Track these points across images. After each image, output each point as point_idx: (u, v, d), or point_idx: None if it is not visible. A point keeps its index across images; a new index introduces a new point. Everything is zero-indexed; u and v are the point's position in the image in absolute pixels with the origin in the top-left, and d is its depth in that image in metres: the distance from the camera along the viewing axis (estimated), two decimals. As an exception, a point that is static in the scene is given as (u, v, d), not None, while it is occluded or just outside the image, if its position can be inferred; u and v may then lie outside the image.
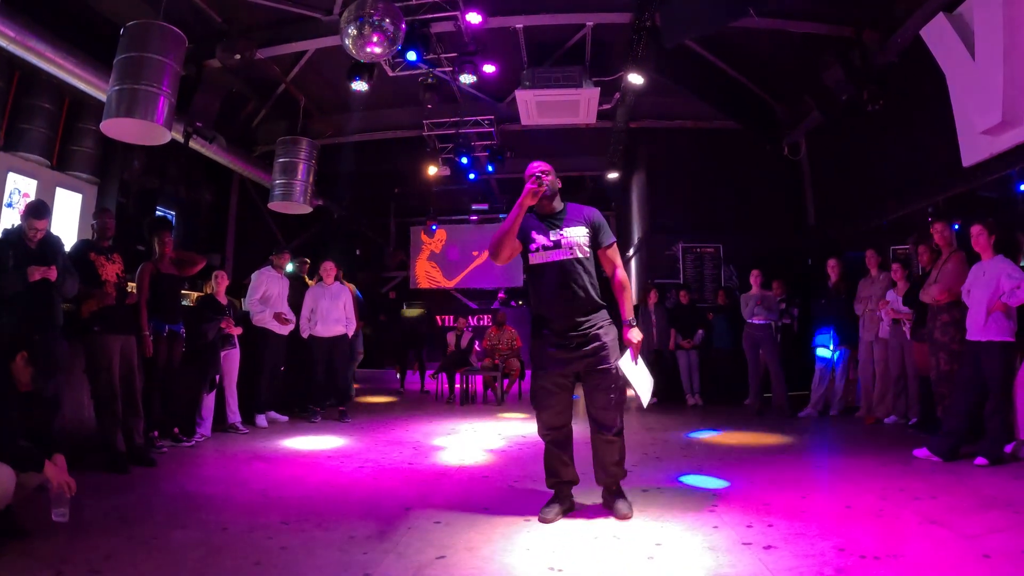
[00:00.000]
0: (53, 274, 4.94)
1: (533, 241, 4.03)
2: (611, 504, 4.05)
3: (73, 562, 3.12)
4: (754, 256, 10.32)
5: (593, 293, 4.02)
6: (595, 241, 4.07)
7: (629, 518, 3.89)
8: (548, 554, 3.29)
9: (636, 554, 3.29)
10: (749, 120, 10.75)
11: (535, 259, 4.04)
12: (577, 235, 4.01)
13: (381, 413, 9.30)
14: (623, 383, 4.01)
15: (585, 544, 3.47)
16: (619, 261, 4.16)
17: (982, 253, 5.44)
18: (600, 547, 3.42)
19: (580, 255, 3.99)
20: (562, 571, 3.07)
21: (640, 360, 4.05)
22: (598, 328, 3.99)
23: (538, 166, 4.06)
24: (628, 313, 4.09)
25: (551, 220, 4.09)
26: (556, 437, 4.08)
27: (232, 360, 7.43)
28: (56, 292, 5.06)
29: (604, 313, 4.07)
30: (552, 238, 4.01)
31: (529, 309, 4.29)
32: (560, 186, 4.18)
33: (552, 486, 4.12)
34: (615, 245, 4.17)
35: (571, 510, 4.06)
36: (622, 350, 4.06)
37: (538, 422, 4.13)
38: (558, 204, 4.15)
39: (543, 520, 3.85)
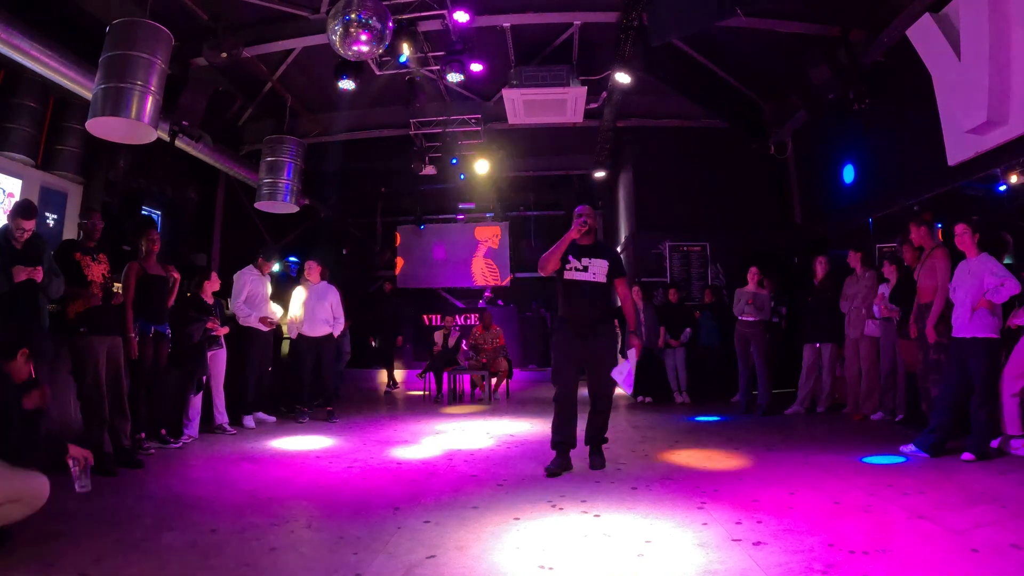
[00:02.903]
0: (39, 275, 4.90)
1: (569, 263, 5.43)
2: (592, 460, 5.41)
3: (61, 566, 3.10)
4: (741, 255, 10.39)
5: (604, 307, 5.52)
6: (612, 273, 5.46)
7: (602, 467, 5.31)
8: (538, 552, 3.30)
9: (626, 551, 3.30)
10: (736, 119, 10.78)
11: (568, 276, 5.44)
12: (600, 266, 5.43)
13: (369, 413, 9.28)
14: (613, 367, 5.37)
15: (575, 542, 3.47)
16: (627, 289, 5.65)
17: (967, 251, 5.49)
18: (590, 545, 3.42)
19: (599, 280, 5.42)
20: (552, 569, 3.07)
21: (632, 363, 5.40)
22: (603, 331, 5.48)
23: (584, 209, 5.47)
24: (632, 325, 5.66)
25: (585, 250, 5.47)
26: (567, 403, 5.43)
27: (219, 361, 7.39)
28: (42, 293, 5.02)
29: (610, 322, 5.59)
30: (583, 263, 5.42)
31: (556, 309, 5.86)
32: (597, 227, 5.63)
33: (556, 445, 5.37)
34: (625, 278, 5.64)
35: (568, 468, 5.26)
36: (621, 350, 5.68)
37: (556, 391, 5.51)
38: (591, 240, 5.53)
39: (549, 473, 5.13)
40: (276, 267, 9.04)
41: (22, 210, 5.05)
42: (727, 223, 11.43)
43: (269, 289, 8.26)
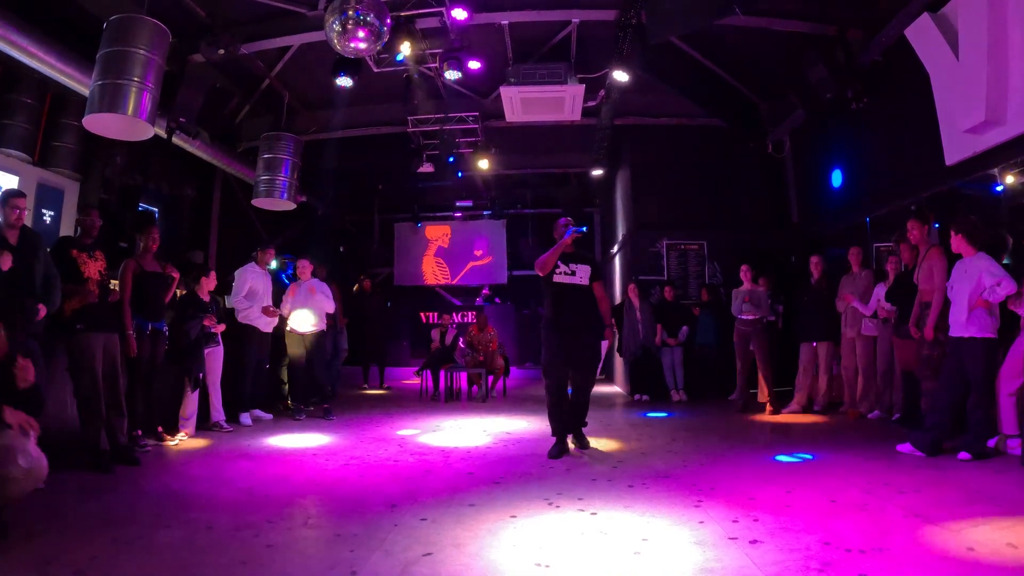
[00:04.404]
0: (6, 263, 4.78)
1: (559, 268, 6.10)
2: (577, 442, 6.13)
3: (57, 563, 3.09)
4: (738, 253, 10.38)
5: (587, 307, 6.18)
6: (593, 277, 6.17)
7: (587, 448, 6.07)
8: (535, 550, 3.30)
9: (623, 549, 3.30)
10: (734, 118, 10.77)
11: (558, 279, 6.11)
12: (584, 271, 6.14)
13: (366, 410, 9.28)
14: (595, 363, 6.33)
15: (572, 540, 3.47)
16: (603, 290, 6.32)
17: (963, 251, 5.48)
18: (587, 543, 3.42)
19: (584, 284, 6.13)
20: (549, 567, 3.07)
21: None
22: (587, 329, 6.15)
23: (569, 220, 6.25)
24: (608, 319, 6.43)
25: (571, 256, 6.16)
26: (558, 394, 6.07)
27: (215, 358, 7.38)
28: (43, 303, 4.94)
29: (592, 322, 6.18)
30: (571, 268, 6.12)
31: (544, 310, 6.44)
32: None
33: (555, 432, 6.02)
34: (602, 281, 6.34)
35: (566, 452, 5.89)
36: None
37: (547, 385, 6.15)
38: (574, 247, 6.16)
39: (551, 455, 5.77)
40: (274, 263, 9.00)
41: (14, 191, 5.03)
42: (724, 222, 11.43)
43: (270, 285, 8.27)
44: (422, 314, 16.91)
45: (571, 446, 6.07)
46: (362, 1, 7.03)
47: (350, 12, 7.06)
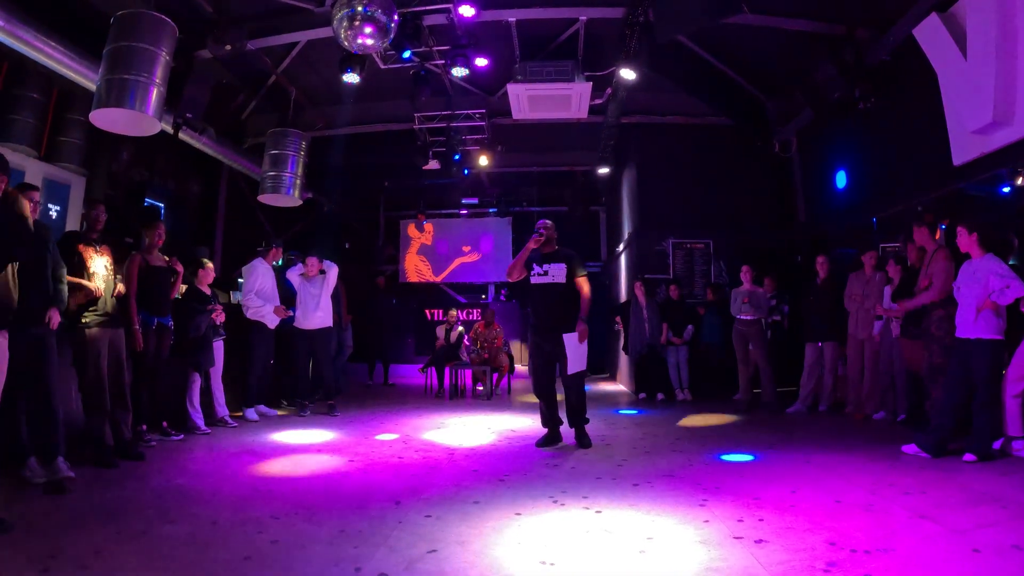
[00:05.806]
0: None
1: (533, 269, 6.30)
2: (579, 441, 6.16)
3: (61, 557, 3.09)
4: (744, 252, 10.38)
5: (566, 305, 6.19)
6: (571, 274, 6.22)
7: (588, 446, 6.04)
8: (539, 548, 3.29)
9: (628, 548, 3.29)
10: (740, 117, 10.75)
11: (534, 280, 6.31)
12: (559, 269, 6.24)
13: (371, 407, 9.28)
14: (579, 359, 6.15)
15: (576, 538, 3.47)
16: (585, 284, 6.28)
17: (970, 252, 5.46)
18: (591, 541, 3.42)
19: (560, 281, 6.21)
20: (554, 565, 3.07)
21: (584, 345, 6.14)
22: (567, 326, 6.12)
23: (542, 223, 6.32)
24: (584, 313, 6.19)
25: (546, 257, 6.31)
26: (546, 394, 6.28)
27: (217, 352, 7.36)
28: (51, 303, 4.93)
29: (572, 318, 6.14)
30: (544, 269, 6.27)
31: (522, 308, 6.02)
32: (556, 236, 6.37)
33: (545, 424, 6.29)
34: (584, 276, 6.31)
35: (557, 442, 6.23)
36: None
37: (534, 385, 6.49)
38: (552, 248, 6.35)
39: (538, 445, 6.16)
40: (279, 261, 9.04)
41: (27, 184, 5.00)
42: (730, 221, 11.41)
43: (275, 281, 8.31)
44: (427, 311, 16.88)
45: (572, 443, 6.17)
46: (369, -3, 7.04)
47: (357, 8, 7.06)
